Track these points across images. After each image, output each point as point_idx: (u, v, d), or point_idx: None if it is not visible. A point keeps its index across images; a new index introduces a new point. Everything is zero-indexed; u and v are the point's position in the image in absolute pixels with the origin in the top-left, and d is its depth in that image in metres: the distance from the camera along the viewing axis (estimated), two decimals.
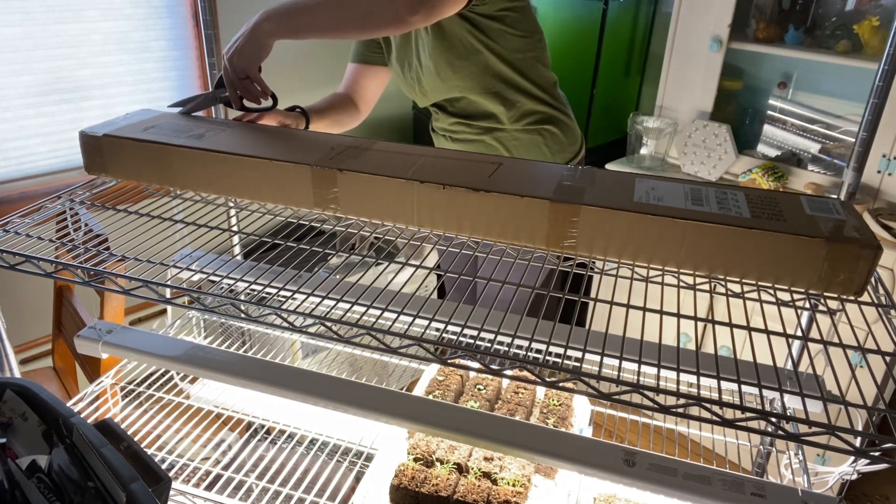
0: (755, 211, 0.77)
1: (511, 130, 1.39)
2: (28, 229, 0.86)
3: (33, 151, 1.85)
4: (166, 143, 0.92)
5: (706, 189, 0.83)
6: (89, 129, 0.96)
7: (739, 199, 0.80)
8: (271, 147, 0.92)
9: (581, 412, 1.09)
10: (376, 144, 0.94)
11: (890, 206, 1.87)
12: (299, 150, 0.91)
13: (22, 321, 1.86)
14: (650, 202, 0.78)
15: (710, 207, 0.78)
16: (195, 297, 0.74)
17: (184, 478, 1.02)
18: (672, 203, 0.78)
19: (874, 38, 1.89)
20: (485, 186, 0.81)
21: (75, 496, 0.64)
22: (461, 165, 0.88)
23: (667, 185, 0.84)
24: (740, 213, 0.76)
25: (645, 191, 0.81)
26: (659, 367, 0.64)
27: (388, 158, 0.89)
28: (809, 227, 0.74)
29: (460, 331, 0.76)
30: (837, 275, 0.72)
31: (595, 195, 0.80)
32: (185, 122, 1.00)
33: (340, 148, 0.92)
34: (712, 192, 0.82)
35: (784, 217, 0.76)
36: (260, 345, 1.39)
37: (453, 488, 0.93)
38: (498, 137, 1.40)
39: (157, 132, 0.95)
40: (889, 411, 0.59)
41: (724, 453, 1.05)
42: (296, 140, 0.96)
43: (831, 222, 0.75)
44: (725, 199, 0.80)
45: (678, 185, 0.84)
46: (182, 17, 2.06)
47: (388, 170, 0.85)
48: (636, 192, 0.81)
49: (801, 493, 0.73)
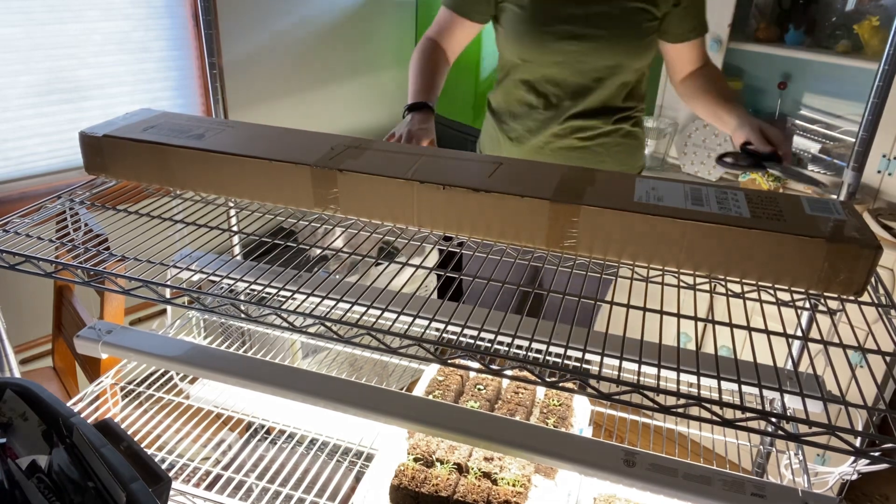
0: (755, 211, 0.77)
1: (617, 134, 1.39)
2: (28, 229, 0.86)
3: (33, 151, 1.85)
4: (166, 143, 0.92)
5: (706, 189, 0.83)
6: (89, 130, 0.96)
7: (739, 199, 0.80)
8: (271, 147, 0.92)
9: (581, 412, 1.09)
10: (376, 144, 0.94)
11: (890, 206, 1.87)
12: (299, 150, 0.90)
13: (22, 321, 1.86)
14: (650, 202, 0.78)
15: (711, 207, 0.77)
16: (195, 297, 0.74)
17: (184, 478, 1.02)
18: (672, 203, 0.78)
19: (874, 38, 1.89)
20: (485, 186, 0.81)
21: (75, 496, 0.64)
22: (461, 165, 0.88)
23: (667, 185, 0.84)
24: (740, 213, 0.76)
25: (645, 191, 0.81)
26: (659, 367, 0.64)
27: (388, 158, 0.89)
28: (809, 227, 0.73)
29: (460, 331, 0.76)
30: (838, 275, 0.72)
31: (595, 195, 0.80)
32: (185, 122, 1.00)
33: (340, 148, 0.91)
34: (712, 193, 0.82)
35: (784, 217, 0.76)
36: (260, 345, 1.39)
37: (453, 488, 0.93)
38: (604, 144, 1.38)
39: (157, 132, 0.95)
40: (889, 411, 0.59)
41: (724, 453, 1.05)
42: (296, 140, 0.96)
43: (831, 222, 0.75)
44: (725, 200, 0.80)
45: (678, 185, 0.84)
46: (182, 17, 2.06)
47: (388, 170, 0.85)
48: (636, 191, 0.81)
49: (801, 493, 0.73)
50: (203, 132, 0.96)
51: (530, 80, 1.36)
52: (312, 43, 2.39)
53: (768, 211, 0.77)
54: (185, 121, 1.01)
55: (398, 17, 2.64)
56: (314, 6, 2.34)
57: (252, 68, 2.24)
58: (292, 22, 2.30)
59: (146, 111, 1.05)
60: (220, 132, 0.96)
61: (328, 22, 2.41)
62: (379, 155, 0.90)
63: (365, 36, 2.55)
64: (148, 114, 1.04)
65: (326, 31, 2.41)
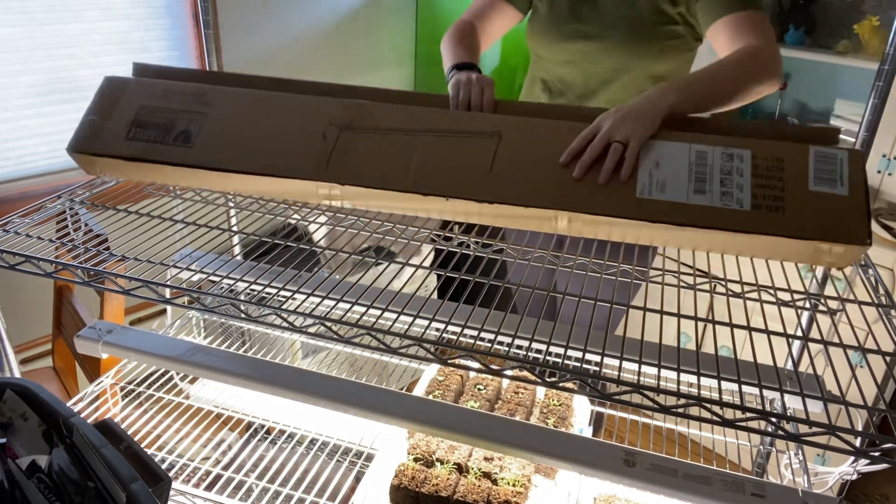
0: (757, 195, 0.77)
1: None
2: (28, 229, 0.86)
3: (33, 151, 1.85)
4: (157, 160, 0.90)
5: (712, 156, 0.80)
6: (76, 146, 0.95)
7: (744, 170, 0.78)
8: (262, 146, 0.89)
9: (581, 412, 1.09)
10: (373, 115, 0.89)
11: (890, 206, 1.87)
12: (292, 146, 0.88)
13: (22, 321, 1.85)
14: (653, 196, 0.78)
15: (713, 195, 0.77)
16: (195, 297, 0.74)
17: (184, 478, 1.02)
18: (674, 194, 0.78)
19: (874, 38, 1.89)
20: (487, 197, 0.81)
21: (75, 496, 0.64)
22: (461, 150, 0.85)
23: (672, 154, 0.81)
24: (741, 202, 0.76)
25: (648, 171, 0.80)
26: (659, 367, 0.64)
27: (386, 150, 0.87)
28: (807, 218, 0.74)
29: (460, 331, 0.76)
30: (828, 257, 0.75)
31: (597, 196, 0.79)
32: (162, 107, 0.95)
33: (333, 132, 0.88)
34: (717, 163, 0.79)
35: (784, 202, 0.76)
36: (260, 345, 1.39)
37: (453, 488, 0.93)
38: None
39: (143, 133, 0.93)
40: (889, 411, 0.59)
41: (724, 453, 1.05)
42: (285, 121, 0.90)
43: (832, 203, 0.75)
44: (730, 177, 0.78)
45: (683, 151, 0.82)
46: (182, 17, 2.05)
47: (387, 170, 0.84)
48: (640, 176, 0.80)
49: (801, 493, 0.73)
50: (186, 125, 0.92)
51: (545, 78, 1.36)
52: (312, 43, 2.39)
53: (770, 193, 0.77)
54: (162, 101, 0.95)
55: (398, 17, 2.64)
56: (314, 6, 2.34)
57: (252, 68, 2.24)
58: (292, 22, 2.30)
59: (111, 81, 0.99)
60: (203, 120, 0.92)
61: (328, 22, 2.41)
62: (375, 143, 0.87)
63: (365, 36, 2.55)
64: (115, 89, 0.98)
65: (326, 31, 2.41)
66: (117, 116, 0.95)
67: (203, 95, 0.94)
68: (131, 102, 0.96)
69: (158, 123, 0.94)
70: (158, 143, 0.92)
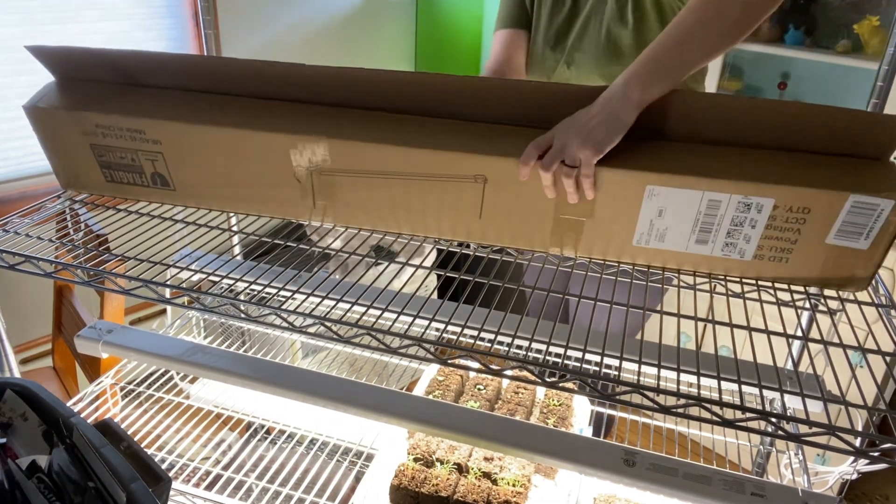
0: (763, 246, 0.71)
1: None
2: (28, 229, 0.86)
3: (33, 151, 1.85)
4: (147, 200, 0.92)
5: (726, 204, 0.69)
6: (67, 185, 0.95)
7: (759, 222, 0.69)
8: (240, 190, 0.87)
9: (581, 412, 1.09)
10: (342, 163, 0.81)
11: None
12: (270, 193, 0.86)
13: (22, 321, 1.85)
14: (650, 245, 0.75)
15: (715, 246, 0.73)
16: (195, 297, 0.74)
17: (184, 478, 1.02)
18: (673, 243, 0.74)
19: (874, 38, 1.89)
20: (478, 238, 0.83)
21: (75, 496, 0.64)
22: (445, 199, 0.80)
23: (680, 202, 0.71)
24: (744, 253, 0.73)
25: (649, 220, 0.73)
26: (659, 367, 0.64)
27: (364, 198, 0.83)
28: (810, 268, 0.71)
29: (460, 331, 0.76)
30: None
31: (593, 238, 0.78)
32: (113, 146, 0.87)
33: (305, 176, 0.82)
34: (729, 214, 0.70)
35: (791, 254, 0.71)
36: (260, 345, 1.39)
37: (453, 488, 0.93)
38: None
39: (119, 175, 0.89)
40: (889, 411, 0.59)
41: (724, 453, 1.05)
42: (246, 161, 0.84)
43: (844, 256, 0.69)
44: (739, 228, 0.70)
45: (694, 200, 0.70)
46: (182, 17, 2.05)
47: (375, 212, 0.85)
48: (640, 221, 0.73)
49: (801, 493, 0.73)
50: (153, 167, 0.88)
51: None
52: (312, 43, 2.39)
53: (779, 245, 0.70)
54: (101, 137, 0.87)
55: (398, 17, 2.64)
56: (314, 6, 2.34)
57: None
58: (292, 22, 2.30)
59: (35, 113, 0.96)
60: (161, 157, 0.86)
61: (328, 22, 2.41)
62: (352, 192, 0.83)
63: (365, 36, 2.55)
64: (46, 124, 0.94)
65: (326, 31, 2.41)
66: (80, 159, 0.90)
67: (140, 132, 0.85)
68: (77, 142, 0.89)
69: (124, 165, 0.89)
70: (140, 186, 0.91)
